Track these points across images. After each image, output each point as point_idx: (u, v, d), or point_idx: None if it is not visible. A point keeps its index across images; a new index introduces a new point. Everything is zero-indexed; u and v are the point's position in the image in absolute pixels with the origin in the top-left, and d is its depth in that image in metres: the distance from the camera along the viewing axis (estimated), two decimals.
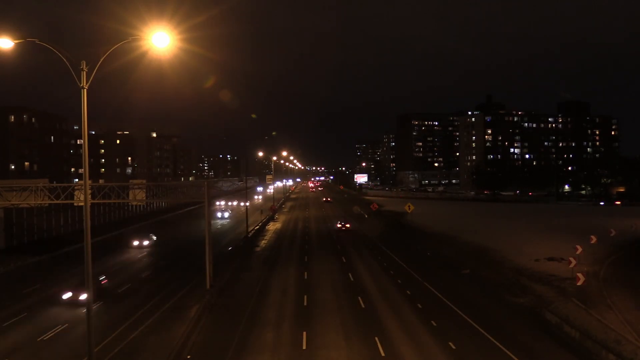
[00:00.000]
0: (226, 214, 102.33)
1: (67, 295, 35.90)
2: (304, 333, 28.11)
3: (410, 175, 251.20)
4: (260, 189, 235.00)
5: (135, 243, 64.03)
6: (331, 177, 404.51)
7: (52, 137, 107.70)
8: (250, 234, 71.13)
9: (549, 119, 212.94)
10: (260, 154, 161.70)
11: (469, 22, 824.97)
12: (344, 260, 52.11)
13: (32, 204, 41.64)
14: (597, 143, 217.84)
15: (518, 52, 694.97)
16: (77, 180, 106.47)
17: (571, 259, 39.49)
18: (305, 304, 34.94)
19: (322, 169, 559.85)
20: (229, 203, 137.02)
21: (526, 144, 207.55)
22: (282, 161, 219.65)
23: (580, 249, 43.97)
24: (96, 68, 19.00)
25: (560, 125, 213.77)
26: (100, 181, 59.87)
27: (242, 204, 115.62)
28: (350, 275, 44.36)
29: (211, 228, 43.29)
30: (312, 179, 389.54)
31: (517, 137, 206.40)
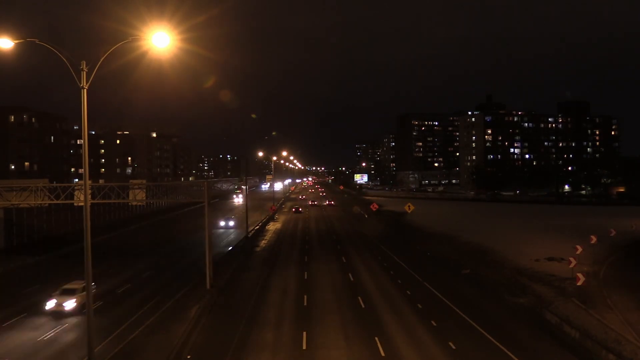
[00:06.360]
0: None
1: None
2: (304, 333, 28.10)
3: (410, 176, 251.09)
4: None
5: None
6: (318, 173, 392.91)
7: (52, 137, 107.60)
8: (250, 234, 71.08)
9: (549, 119, 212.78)
10: (260, 154, 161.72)
11: (470, 22, 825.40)
12: (344, 260, 52.12)
13: (32, 204, 41.63)
14: (597, 143, 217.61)
15: (518, 52, 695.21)
16: (77, 180, 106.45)
17: (571, 259, 39.47)
18: (305, 304, 34.94)
19: (322, 169, 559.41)
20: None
21: (526, 144, 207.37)
22: (282, 161, 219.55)
23: (580, 249, 43.96)
24: (96, 68, 19.01)
25: (560, 125, 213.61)
26: (100, 181, 59.90)
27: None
28: (350, 275, 44.36)
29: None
30: (305, 179, 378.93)
31: (517, 137, 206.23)
